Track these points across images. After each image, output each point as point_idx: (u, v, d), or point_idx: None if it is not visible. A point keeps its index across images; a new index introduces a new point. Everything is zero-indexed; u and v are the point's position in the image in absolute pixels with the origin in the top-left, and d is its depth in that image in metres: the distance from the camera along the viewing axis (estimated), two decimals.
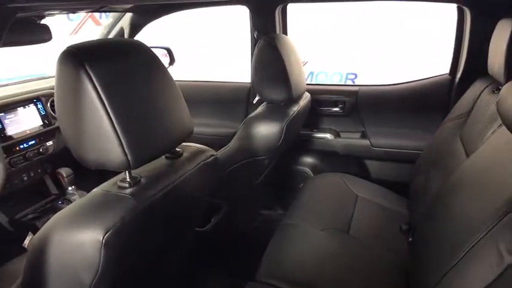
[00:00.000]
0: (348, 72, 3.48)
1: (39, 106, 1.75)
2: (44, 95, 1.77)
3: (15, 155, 1.62)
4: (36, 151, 1.72)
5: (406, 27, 3.05)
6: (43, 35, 1.51)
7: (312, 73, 3.56)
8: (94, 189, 0.79)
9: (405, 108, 1.98)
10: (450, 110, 1.66)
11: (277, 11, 1.97)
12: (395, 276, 1.28)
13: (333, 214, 1.58)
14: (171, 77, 0.89)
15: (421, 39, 3.02)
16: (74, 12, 1.46)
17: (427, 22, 2.91)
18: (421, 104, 1.95)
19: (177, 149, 0.95)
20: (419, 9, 2.84)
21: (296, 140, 2.01)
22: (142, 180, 0.81)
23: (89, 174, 0.82)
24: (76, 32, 3.84)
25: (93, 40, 0.80)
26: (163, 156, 0.93)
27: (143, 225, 0.79)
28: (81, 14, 3.53)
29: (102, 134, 0.72)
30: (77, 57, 0.71)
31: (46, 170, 1.84)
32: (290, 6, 2.05)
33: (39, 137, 1.74)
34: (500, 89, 1.32)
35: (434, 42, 2.83)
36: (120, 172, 0.80)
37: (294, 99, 1.62)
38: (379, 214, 1.63)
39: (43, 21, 1.52)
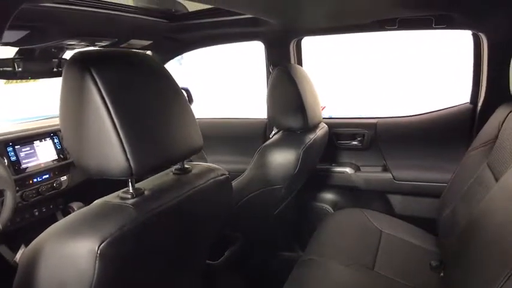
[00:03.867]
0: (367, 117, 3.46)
1: (56, 140, 1.76)
2: (60, 130, 1.78)
3: (28, 189, 1.59)
4: (49, 185, 1.69)
5: (422, 59, 3.05)
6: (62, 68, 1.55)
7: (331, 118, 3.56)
8: (96, 201, 0.75)
9: (427, 139, 1.91)
10: (473, 138, 1.59)
11: (291, 45, 2.00)
12: None
13: (356, 250, 1.48)
14: (182, 93, 0.86)
15: (441, 70, 3.00)
16: (93, 45, 1.51)
17: (445, 52, 2.90)
18: (443, 135, 1.88)
19: (186, 165, 0.91)
20: (435, 39, 2.85)
21: (314, 175, 1.95)
22: (146, 192, 0.76)
23: None
24: None
25: (102, 48, 0.79)
26: (170, 173, 0.89)
27: (144, 238, 0.72)
28: None
29: (105, 138, 0.68)
30: (83, 62, 0.69)
31: (58, 205, 1.80)
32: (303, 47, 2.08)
33: (54, 171, 1.72)
34: None
35: (454, 71, 2.80)
36: None
37: (310, 128, 1.58)
38: (406, 250, 1.53)
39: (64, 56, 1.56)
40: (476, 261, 0.96)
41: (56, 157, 1.74)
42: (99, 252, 0.62)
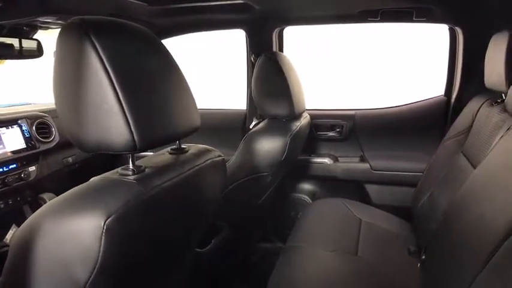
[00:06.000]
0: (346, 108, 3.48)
1: (24, 128, 1.64)
2: (29, 117, 1.67)
3: None
4: (16, 176, 1.58)
5: (400, 53, 3.08)
6: (33, 50, 1.45)
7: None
8: (92, 178, 0.69)
9: (403, 130, 1.98)
10: (448, 129, 1.66)
11: (274, 34, 1.99)
12: None
13: (339, 236, 1.50)
14: (181, 70, 0.83)
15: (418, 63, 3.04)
16: None
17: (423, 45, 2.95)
18: (419, 126, 1.95)
19: (182, 146, 0.87)
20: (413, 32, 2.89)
21: (293, 166, 1.95)
22: (147, 169, 0.72)
23: None
24: None
25: (100, 17, 0.73)
26: (166, 152, 0.85)
27: (147, 215, 0.68)
28: None
29: (106, 109, 0.63)
30: (81, 27, 0.63)
31: (26, 198, 1.68)
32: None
33: (22, 160, 1.61)
34: (498, 102, 1.34)
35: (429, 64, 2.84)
36: None
37: (295, 116, 1.58)
38: (385, 237, 1.57)
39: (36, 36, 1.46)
40: (458, 245, 0.99)
41: (24, 146, 1.62)
42: (105, 227, 0.58)
